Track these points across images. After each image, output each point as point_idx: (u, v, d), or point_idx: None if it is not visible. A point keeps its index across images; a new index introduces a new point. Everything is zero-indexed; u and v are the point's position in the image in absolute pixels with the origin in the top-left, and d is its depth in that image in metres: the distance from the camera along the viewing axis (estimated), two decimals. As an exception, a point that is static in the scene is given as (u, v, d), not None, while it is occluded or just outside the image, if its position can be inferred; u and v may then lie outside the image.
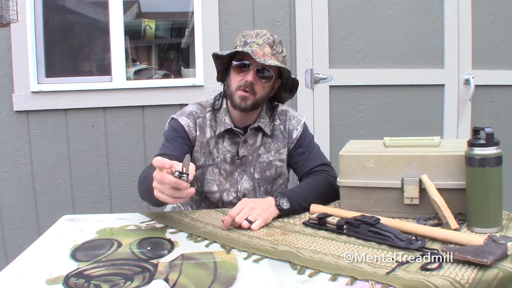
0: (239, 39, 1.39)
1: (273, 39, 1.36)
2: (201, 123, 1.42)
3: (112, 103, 2.27)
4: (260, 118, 1.44)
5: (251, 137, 1.44)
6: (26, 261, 0.95)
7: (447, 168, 1.10)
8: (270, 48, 1.34)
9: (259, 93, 1.35)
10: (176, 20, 2.73)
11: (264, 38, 1.35)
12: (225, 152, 1.42)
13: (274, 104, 1.51)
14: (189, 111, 1.44)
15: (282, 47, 1.38)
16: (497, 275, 0.80)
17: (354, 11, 2.39)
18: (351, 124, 2.44)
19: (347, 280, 0.80)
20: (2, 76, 2.19)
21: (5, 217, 2.25)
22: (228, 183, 1.43)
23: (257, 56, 1.28)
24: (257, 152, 1.45)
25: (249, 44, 1.34)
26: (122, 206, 2.29)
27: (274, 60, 1.33)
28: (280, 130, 1.48)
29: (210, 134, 1.42)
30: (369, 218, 1.02)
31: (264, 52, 1.32)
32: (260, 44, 1.33)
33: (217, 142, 1.42)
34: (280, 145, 1.47)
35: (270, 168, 1.45)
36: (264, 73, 1.33)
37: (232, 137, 1.43)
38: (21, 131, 2.23)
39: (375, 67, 2.41)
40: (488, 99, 2.50)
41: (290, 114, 1.51)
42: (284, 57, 1.39)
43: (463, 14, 2.42)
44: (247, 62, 1.32)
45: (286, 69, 1.34)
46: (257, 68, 1.32)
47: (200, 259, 0.93)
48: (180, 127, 1.40)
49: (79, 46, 2.55)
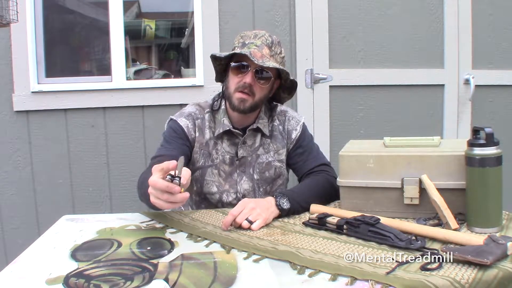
0: (237, 40, 1.39)
1: (271, 40, 1.35)
2: (200, 124, 1.42)
3: (112, 103, 2.27)
4: (259, 119, 1.43)
5: (250, 138, 1.44)
6: (26, 261, 0.95)
7: (447, 168, 1.10)
8: (269, 49, 1.33)
9: (258, 95, 1.35)
10: (176, 20, 2.73)
11: (263, 39, 1.34)
12: (224, 153, 1.42)
13: (273, 105, 1.50)
14: (188, 112, 1.44)
15: (281, 48, 1.38)
16: (497, 275, 0.80)
17: (354, 11, 2.39)
18: (351, 124, 2.43)
19: (347, 280, 0.80)
20: (2, 76, 2.19)
21: (5, 217, 2.25)
22: (228, 184, 1.43)
23: (255, 58, 1.28)
24: (256, 153, 1.44)
25: (247, 45, 1.33)
26: (122, 206, 2.28)
27: (273, 61, 1.33)
28: (279, 131, 1.48)
29: (209, 135, 1.42)
30: (369, 218, 1.02)
31: (262, 53, 1.31)
32: (259, 45, 1.33)
33: (216, 143, 1.42)
34: (279, 145, 1.47)
35: (269, 168, 1.45)
36: (263, 74, 1.33)
37: (231, 138, 1.42)
38: (21, 131, 2.23)
39: (375, 67, 2.41)
40: (488, 99, 2.50)
41: (289, 115, 1.50)
42: (282, 58, 1.39)
43: (463, 14, 2.42)
44: (245, 64, 1.32)
45: (285, 70, 1.34)
46: (255, 69, 1.31)
47: (200, 259, 0.93)
48: (179, 128, 1.40)
49: (79, 46, 2.55)
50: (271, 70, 1.33)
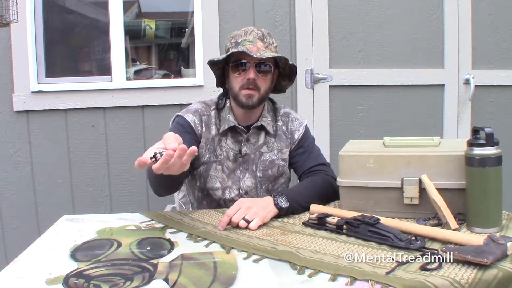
0: (229, 41, 1.41)
1: (262, 33, 1.39)
2: (206, 120, 1.44)
3: (112, 103, 2.27)
4: (262, 117, 1.46)
5: (254, 136, 1.45)
6: (26, 261, 0.95)
7: (447, 168, 1.10)
8: (262, 42, 1.37)
9: (263, 88, 1.37)
10: (176, 20, 2.73)
11: (254, 34, 1.37)
12: (228, 149, 1.43)
13: (276, 106, 1.53)
14: (194, 109, 1.46)
15: (272, 38, 1.41)
16: (497, 275, 0.80)
17: (354, 11, 2.39)
18: (351, 124, 2.44)
19: (347, 280, 0.80)
20: (2, 76, 2.19)
21: (5, 217, 2.25)
22: (231, 181, 1.44)
23: (252, 52, 1.30)
24: (260, 150, 1.46)
25: (241, 44, 1.36)
26: (122, 206, 2.29)
27: (269, 52, 1.36)
28: (283, 131, 1.50)
29: (214, 131, 1.44)
30: (369, 218, 1.02)
31: (257, 47, 1.34)
32: (251, 40, 1.35)
33: (220, 140, 1.44)
34: (283, 144, 1.49)
35: (272, 166, 1.46)
36: (262, 67, 1.35)
37: (235, 135, 1.44)
38: (21, 131, 2.23)
39: (375, 67, 2.41)
40: (488, 99, 2.50)
41: (292, 116, 1.53)
42: (276, 47, 1.42)
43: (463, 14, 2.42)
44: (244, 61, 1.34)
45: (283, 57, 1.36)
46: (255, 64, 1.34)
47: (200, 259, 0.93)
48: (186, 123, 1.42)
49: (79, 46, 2.55)
50: (269, 61, 1.36)
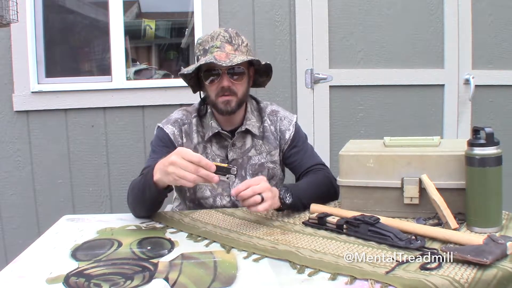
0: (198, 48, 1.37)
1: (229, 35, 1.34)
2: (187, 130, 1.41)
3: (112, 103, 2.27)
4: (246, 120, 1.42)
5: (239, 140, 1.42)
6: (26, 261, 0.95)
7: (447, 168, 1.10)
8: (230, 45, 1.33)
9: (240, 91, 1.35)
10: (176, 20, 2.73)
11: (220, 37, 1.33)
12: (214, 156, 1.40)
13: (261, 105, 1.49)
14: (174, 119, 1.43)
15: (241, 38, 1.37)
16: (497, 274, 0.80)
17: (354, 11, 2.38)
18: (351, 124, 2.43)
19: (347, 279, 0.80)
20: (2, 76, 2.19)
21: (5, 217, 2.25)
22: (221, 188, 1.41)
23: (221, 60, 1.26)
24: (247, 154, 1.43)
25: (209, 51, 1.32)
26: (122, 206, 2.27)
27: (239, 54, 1.32)
28: (271, 131, 1.46)
29: (197, 140, 1.41)
30: (369, 218, 1.02)
31: (226, 52, 1.30)
32: (219, 46, 1.31)
33: (205, 147, 1.41)
34: (271, 146, 1.45)
35: (262, 170, 1.44)
36: (235, 70, 1.32)
37: (219, 141, 1.41)
38: (21, 131, 2.23)
39: (375, 67, 2.41)
40: (488, 99, 2.50)
41: (281, 115, 1.49)
42: (246, 46, 1.37)
43: (463, 14, 2.42)
44: (215, 71, 1.31)
45: (254, 59, 1.34)
46: (227, 70, 1.31)
47: (200, 258, 0.93)
48: (165, 136, 1.40)
49: (79, 46, 2.55)
50: (242, 63, 1.32)
